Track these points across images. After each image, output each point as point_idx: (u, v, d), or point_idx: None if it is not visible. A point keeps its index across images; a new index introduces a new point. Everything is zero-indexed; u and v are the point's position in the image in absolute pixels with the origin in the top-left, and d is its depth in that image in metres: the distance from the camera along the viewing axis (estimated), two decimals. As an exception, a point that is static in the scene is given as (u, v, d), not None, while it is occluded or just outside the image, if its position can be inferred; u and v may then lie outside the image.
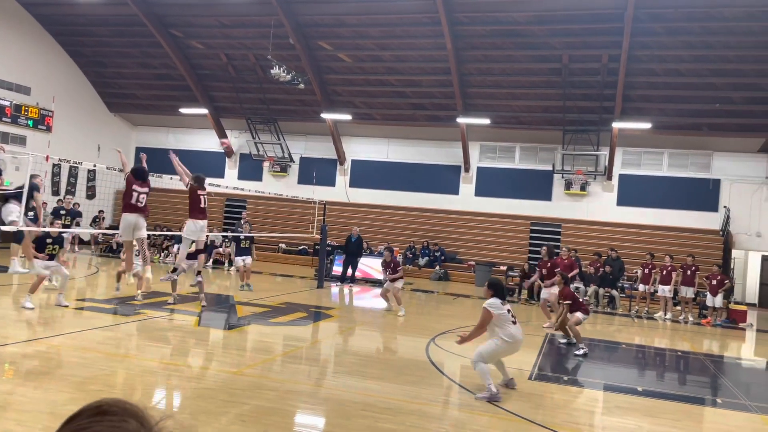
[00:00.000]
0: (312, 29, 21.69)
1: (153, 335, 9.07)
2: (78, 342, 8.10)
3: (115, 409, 0.89)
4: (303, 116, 25.54)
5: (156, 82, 26.36)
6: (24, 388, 6.05)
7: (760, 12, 17.66)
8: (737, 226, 21.69)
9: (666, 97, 20.88)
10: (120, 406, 0.89)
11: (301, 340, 10.14)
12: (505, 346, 7.24)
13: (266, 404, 6.11)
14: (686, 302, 16.90)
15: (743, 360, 12.75)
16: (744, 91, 19.98)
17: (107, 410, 0.89)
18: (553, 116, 22.42)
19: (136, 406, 0.90)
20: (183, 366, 7.63)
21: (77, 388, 6.14)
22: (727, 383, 9.49)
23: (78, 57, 26.01)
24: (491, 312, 7.20)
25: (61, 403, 5.65)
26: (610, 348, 11.94)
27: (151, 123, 28.59)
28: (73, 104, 25.58)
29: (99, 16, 23.43)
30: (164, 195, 26.69)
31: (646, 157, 22.84)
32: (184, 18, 22.63)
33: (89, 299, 12.11)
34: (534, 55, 20.78)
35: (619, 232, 22.22)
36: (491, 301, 7.29)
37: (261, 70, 23.47)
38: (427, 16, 19.97)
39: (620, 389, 8.26)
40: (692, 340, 13.62)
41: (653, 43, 19.29)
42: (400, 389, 7.18)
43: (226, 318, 11.76)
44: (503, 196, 23.89)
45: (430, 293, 18.45)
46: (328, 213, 20.37)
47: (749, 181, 21.79)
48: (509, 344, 7.23)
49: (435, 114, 23.73)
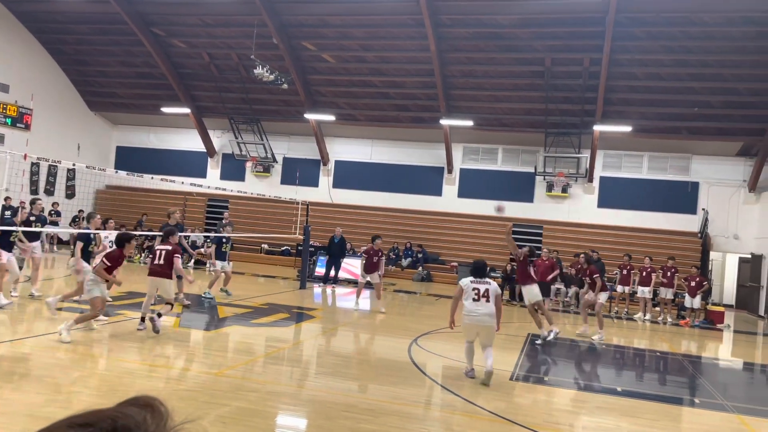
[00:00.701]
0: (296, 29, 21.64)
1: (132, 336, 8.98)
2: (56, 343, 7.99)
3: (141, 402, 0.87)
4: (286, 116, 25.46)
5: (137, 81, 26.12)
6: (2, 390, 5.96)
7: (739, 18, 17.95)
8: (715, 228, 22.02)
9: (646, 101, 21.14)
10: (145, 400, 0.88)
11: (283, 341, 10.11)
12: (467, 320, 7.97)
13: (247, 406, 6.09)
14: (665, 303, 17.13)
15: (720, 360, 12.94)
16: (723, 95, 20.30)
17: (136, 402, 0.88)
18: (535, 119, 22.59)
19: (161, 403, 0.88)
20: (163, 367, 7.57)
21: (55, 390, 6.07)
22: (704, 383, 9.63)
23: (58, 55, 25.69)
24: (460, 286, 8.12)
25: (39, 404, 5.58)
26: (591, 348, 12.05)
27: (132, 122, 28.32)
28: (53, 102, 25.26)
29: (80, 14, 23.17)
30: (145, 195, 26.48)
31: (627, 160, 23.11)
32: (166, 17, 22.45)
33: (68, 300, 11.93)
34: (517, 58, 20.92)
35: (599, 233, 22.45)
36: (464, 279, 8.21)
37: (244, 69, 23.36)
38: (411, 18, 20.02)
39: (600, 389, 8.34)
40: (671, 340, 13.80)
41: (634, 48, 19.52)
42: (382, 390, 7.19)
43: (207, 319, 11.68)
44: (486, 197, 23.99)
45: (412, 294, 18.48)
46: (311, 214, 20.32)
47: (727, 184, 22.13)
48: (468, 318, 7.94)
49: (418, 115, 23.79)
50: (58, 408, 5.53)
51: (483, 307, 7.87)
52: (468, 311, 7.88)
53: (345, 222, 23.72)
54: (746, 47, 18.76)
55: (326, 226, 22.81)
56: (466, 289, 7.97)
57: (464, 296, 7.95)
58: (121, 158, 28.30)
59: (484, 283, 8.02)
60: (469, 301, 7.90)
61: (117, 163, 28.16)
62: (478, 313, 7.86)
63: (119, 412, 0.83)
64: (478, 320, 7.88)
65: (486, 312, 7.86)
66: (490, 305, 7.87)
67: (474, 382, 7.84)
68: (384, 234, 23.87)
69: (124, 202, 26.74)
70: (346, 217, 24.17)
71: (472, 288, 7.95)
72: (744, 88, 19.93)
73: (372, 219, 24.46)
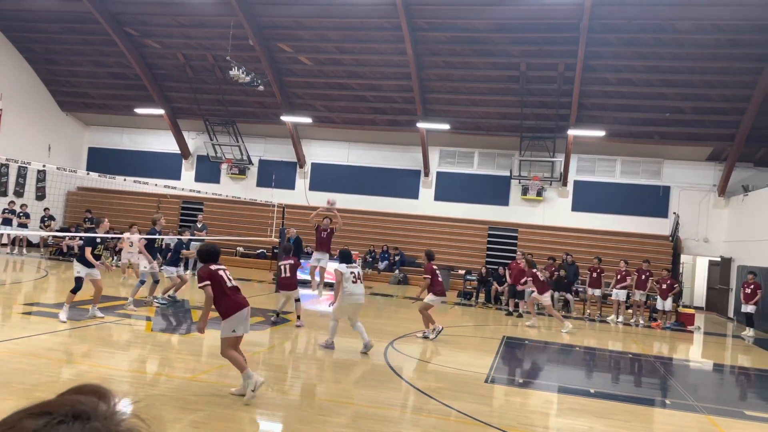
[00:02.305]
0: (272, 31, 21.53)
1: (105, 340, 8.83)
2: (26, 348, 7.82)
3: (86, 390, 0.89)
4: (262, 118, 25.30)
5: (110, 81, 25.72)
6: (-34, 397, 5.81)
7: (710, 25, 18.33)
8: (686, 231, 22.43)
9: (619, 106, 21.46)
10: (90, 387, 0.90)
11: (258, 345, 10.02)
12: (347, 300, 9.18)
13: (221, 410, 6.02)
14: (638, 306, 17.38)
15: (691, 362, 13.16)
16: (693, 101, 20.70)
17: (81, 390, 0.89)
18: (511, 123, 22.79)
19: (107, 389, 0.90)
20: (135, 372, 7.46)
21: (24, 396, 5.93)
22: (675, 384, 9.78)
23: (28, 53, 25.19)
24: (339, 271, 9.25)
25: (6, 410, 5.42)
26: (564, 351, 12.17)
27: (104, 123, 27.88)
28: (23, 102, 24.74)
29: (51, 12, 22.74)
30: (118, 197, 26.11)
31: (600, 164, 23.43)
32: (139, 16, 22.16)
33: (38, 303, 11.71)
34: (493, 63, 21.09)
35: (573, 237, 22.71)
36: (338, 265, 9.42)
37: (220, 71, 23.17)
38: (388, 21, 20.06)
39: (573, 391, 8.43)
40: (643, 342, 14.00)
41: (608, 54, 19.81)
42: (358, 393, 7.17)
43: (180, 323, 11.53)
44: (462, 200, 24.15)
45: (389, 297, 18.48)
46: (287, 216, 20.20)
47: (698, 188, 22.55)
48: (348, 297, 9.17)
49: (395, 119, 23.83)
50: (27, 414, 5.41)
51: (360, 288, 9.32)
52: (351, 293, 9.14)
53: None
54: (716, 54, 19.16)
55: (303, 228, 22.67)
56: (345, 274, 9.18)
57: (344, 279, 9.16)
58: (94, 159, 27.84)
59: (355, 267, 9.44)
60: (349, 284, 9.14)
61: (89, 164, 27.70)
62: (359, 293, 9.26)
63: (74, 400, 0.84)
64: (358, 299, 9.28)
65: (362, 292, 9.38)
66: (362, 286, 9.40)
67: (449, 384, 7.86)
68: (361, 237, 23.96)
69: (96, 204, 26.28)
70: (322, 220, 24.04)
71: (350, 272, 9.23)
72: (714, 94, 20.35)
73: (349, 221, 24.33)
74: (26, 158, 10.66)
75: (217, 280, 6.41)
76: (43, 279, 15.80)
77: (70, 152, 27.21)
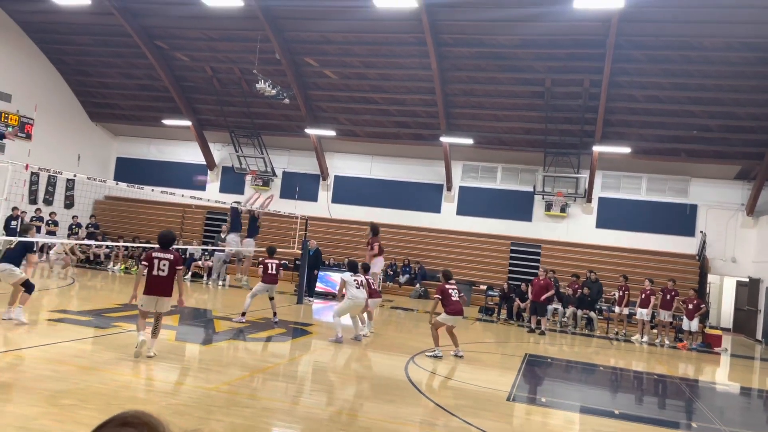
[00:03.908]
0: (298, 45, 21.78)
1: (128, 349, 8.92)
2: (51, 355, 7.94)
3: (139, 422, 0.90)
4: (287, 131, 25.55)
5: (139, 93, 26.22)
6: (-6, 402, 5.91)
7: (738, 43, 18.12)
8: (713, 251, 22.04)
9: (645, 123, 21.26)
10: (144, 419, 0.91)
11: (278, 356, 10.06)
12: (350, 302, 11.32)
13: (242, 422, 6.04)
14: (663, 326, 17.08)
15: (718, 384, 12.88)
16: (721, 119, 20.42)
17: (131, 422, 0.91)
18: (535, 138, 22.69)
19: (157, 419, 0.91)
20: (158, 381, 7.52)
21: (49, 402, 6.02)
22: (702, 407, 9.58)
23: (61, 65, 25.81)
24: (343, 279, 11.56)
25: (32, 417, 5.54)
26: (588, 370, 12.00)
27: (132, 133, 28.39)
28: (55, 112, 25.32)
29: (84, 25, 23.30)
30: (144, 206, 26.51)
31: (625, 181, 23.18)
32: (170, 30, 22.60)
33: (65, 311, 11.89)
34: (517, 78, 21.06)
35: (597, 254, 22.44)
36: (344, 274, 11.68)
37: (246, 83, 23.48)
38: (413, 36, 20.17)
39: (597, 411, 8.29)
40: (668, 363, 13.74)
41: (634, 70, 19.67)
42: (377, 408, 7.14)
43: (203, 333, 11.63)
44: (484, 215, 24.05)
45: (409, 311, 18.42)
46: (310, 228, 20.31)
47: (725, 207, 22.18)
48: (352, 301, 11.31)
49: (418, 132, 23.89)
50: (51, 420, 5.49)
51: (362, 292, 11.41)
52: (353, 296, 11.30)
53: (343, 237, 23.72)
54: (745, 72, 18.91)
55: (325, 240, 22.78)
56: (348, 281, 11.38)
57: (348, 285, 11.34)
58: (121, 169, 28.34)
59: (359, 276, 11.63)
60: (352, 289, 11.32)
61: (117, 173, 28.18)
62: (359, 296, 11.36)
63: None
64: (358, 301, 11.37)
65: (363, 296, 11.45)
66: (364, 291, 11.49)
67: (470, 401, 7.80)
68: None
69: (122, 213, 26.73)
70: (344, 232, 24.16)
71: (354, 279, 11.42)
72: (743, 113, 20.06)
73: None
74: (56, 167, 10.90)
75: (152, 265, 8.50)
76: (69, 286, 16.05)
77: (98, 162, 27.73)
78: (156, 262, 8.47)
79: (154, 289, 8.46)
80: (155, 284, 8.45)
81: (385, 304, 19.47)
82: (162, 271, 8.47)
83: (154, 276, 8.45)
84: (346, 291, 11.42)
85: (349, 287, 11.33)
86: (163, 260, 8.50)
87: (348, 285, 11.35)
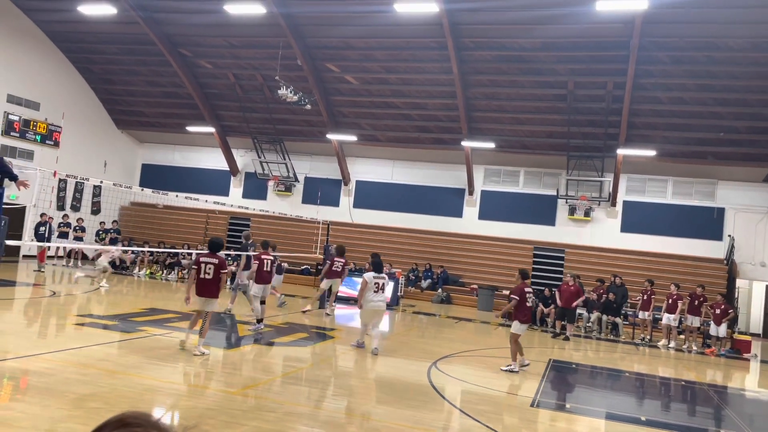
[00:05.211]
0: (320, 51, 21.91)
1: (154, 353, 9.02)
2: (78, 358, 8.06)
3: (137, 422, 0.91)
4: (309, 136, 25.69)
5: (164, 100, 26.59)
6: (23, 404, 6.01)
7: (765, 43, 17.79)
8: (741, 255, 21.61)
9: (670, 125, 20.96)
10: (143, 419, 0.91)
11: (301, 361, 10.09)
12: (367, 307, 10.46)
13: (266, 426, 6.06)
14: (691, 331, 16.78)
15: (747, 391, 12.61)
16: (748, 120, 20.05)
17: (130, 422, 0.91)
18: (557, 141, 22.50)
19: (159, 420, 0.92)
20: (183, 385, 7.59)
21: (76, 405, 6.11)
22: (731, 414, 9.38)
23: (87, 74, 26.28)
24: (365, 279, 10.50)
25: (59, 419, 5.62)
26: (613, 376, 11.84)
27: (157, 140, 28.78)
28: (81, 120, 25.78)
29: (110, 34, 23.71)
30: (168, 212, 26.82)
31: (651, 185, 22.86)
32: (193, 38, 22.89)
33: (91, 315, 12.07)
34: (539, 81, 20.92)
35: (622, 258, 22.14)
36: (367, 274, 10.62)
37: (268, 90, 23.68)
38: (434, 41, 20.16)
39: (623, 418, 8.17)
40: (696, 369, 13.50)
41: (658, 72, 19.42)
42: (400, 414, 7.12)
43: (226, 337, 11.71)
44: (507, 219, 23.89)
45: (431, 316, 18.36)
46: (332, 233, 20.37)
47: (754, 210, 21.75)
48: (370, 305, 10.44)
49: (440, 137, 23.84)
50: (77, 423, 5.56)
51: (381, 296, 10.46)
52: (371, 300, 10.38)
53: (365, 242, 23.74)
54: (773, 72, 18.55)
55: (347, 245, 22.77)
56: (368, 283, 10.40)
57: (368, 288, 10.37)
58: (146, 175, 28.74)
59: (382, 278, 10.57)
60: (371, 293, 10.37)
61: (142, 180, 28.59)
62: (378, 300, 10.45)
63: None
64: (378, 306, 10.46)
65: (383, 300, 10.55)
66: (385, 295, 10.62)
67: (493, 407, 7.73)
68: (404, 254, 23.94)
69: (147, 219, 27.10)
70: (366, 237, 24.18)
71: (374, 282, 10.43)
72: (771, 114, 19.68)
73: (392, 239, 24.44)
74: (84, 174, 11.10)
75: (199, 268, 9.10)
76: (96, 291, 16.29)
77: (124, 168, 28.16)
78: (203, 265, 9.14)
79: (201, 291, 9.15)
80: (202, 286, 9.12)
81: (407, 309, 19.43)
82: (207, 274, 9.12)
83: (201, 278, 9.12)
84: (362, 299, 10.58)
85: (369, 291, 10.48)
86: (209, 264, 9.16)
87: (368, 288, 10.49)
